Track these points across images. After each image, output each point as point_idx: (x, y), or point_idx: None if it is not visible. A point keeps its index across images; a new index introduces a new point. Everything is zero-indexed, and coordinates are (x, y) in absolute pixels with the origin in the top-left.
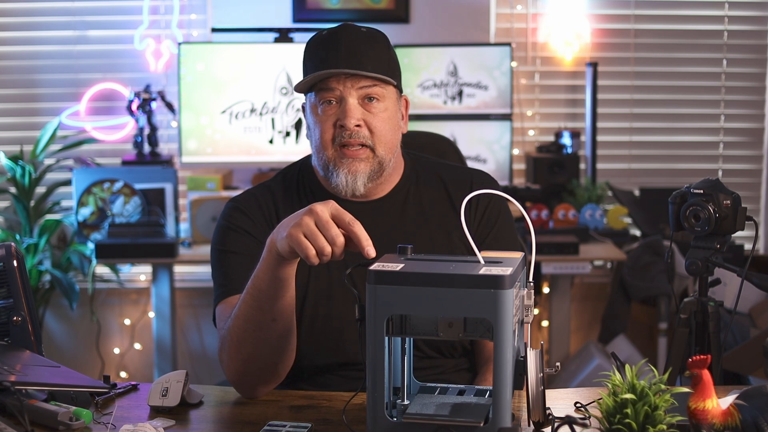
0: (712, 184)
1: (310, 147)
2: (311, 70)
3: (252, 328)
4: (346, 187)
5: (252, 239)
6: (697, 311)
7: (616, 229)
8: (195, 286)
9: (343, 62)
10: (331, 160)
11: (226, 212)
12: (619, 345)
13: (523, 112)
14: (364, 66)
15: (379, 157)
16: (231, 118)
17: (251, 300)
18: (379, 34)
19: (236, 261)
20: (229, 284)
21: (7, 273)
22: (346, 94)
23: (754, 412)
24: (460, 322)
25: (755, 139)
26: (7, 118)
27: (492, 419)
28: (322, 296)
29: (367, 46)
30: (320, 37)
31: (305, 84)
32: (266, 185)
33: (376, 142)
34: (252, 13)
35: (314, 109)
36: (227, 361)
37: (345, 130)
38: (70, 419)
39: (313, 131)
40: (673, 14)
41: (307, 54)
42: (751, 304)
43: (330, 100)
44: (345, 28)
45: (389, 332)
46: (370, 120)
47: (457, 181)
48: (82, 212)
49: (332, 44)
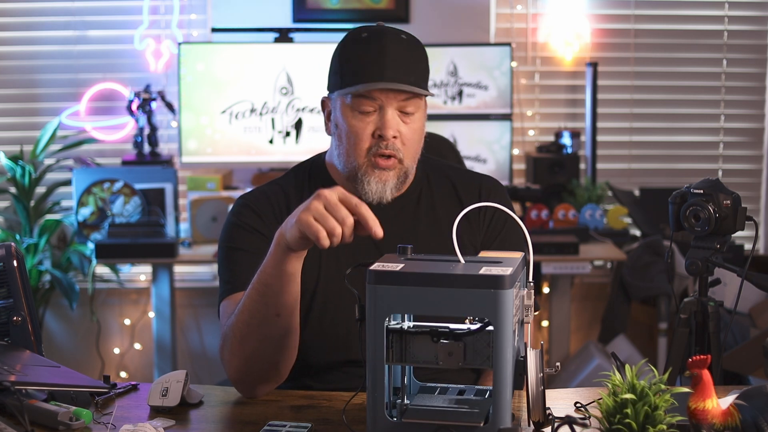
0: (712, 184)
1: (332, 143)
2: (353, 74)
3: (256, 323)
4: (374, 194)
5: (261, 237)
6: (697, 311)
7: (616, 229)
8: (195, 286)
9: (390, 74)
10: (361, 167)
11: (235, 209)
12: (619, 345)
13: (523, 112)
14: (408, 79)
15: (405, 167)
16: (231, 118)
17: (256, 294)
18: (416, 41)
19: (243, 258)
20: (235, 281)
21: (7, 273)
22: (387, 104)
23: (754, 412)
24: (460, 350)
25: (755, 139)
26: (7, 118)
27: (492, 419)
28: (332, 292)
29: (409, 55)
30: (361, 39)
31: (349, 91)
32: (277, 183)
33: (405, 154)
34: (252, 13)
35: (348, 111)
36: (229, 358)
37: (382, 141)
38: (70, 419)
39: (345, 135)
40: (673, 14)
41: (347, 55)
42: (751, 304)
43: (368, 108)
44: (387, 35)
45: (389, 359)
46: (404, 131)
47: (466, 184)
48: (82, 212)
49: (377, 52)
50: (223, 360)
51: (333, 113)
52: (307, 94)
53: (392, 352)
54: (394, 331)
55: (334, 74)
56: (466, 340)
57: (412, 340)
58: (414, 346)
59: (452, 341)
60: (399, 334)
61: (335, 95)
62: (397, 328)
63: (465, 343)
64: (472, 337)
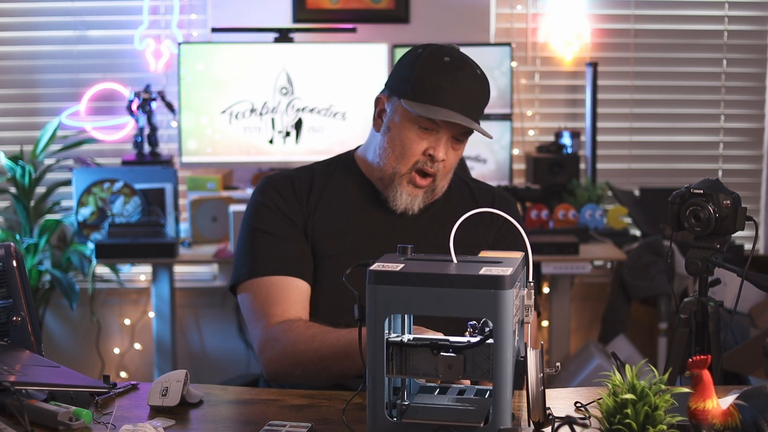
0: (712, 184)
1: (374, 140)
2: (426, 93)
3: (321, 368)
4: (401, 204)
5: (284, 219)
6: (697, 311)
7: (616, 229)
8: (195, 286)
9: (460, 107)
10: (399, 176)
11: (260, 188)
12: (619, 345)
13: (523, 112)
14: (473, 116)
15: (437, 186)
16: (231, 118)
17: (337, 358)
18: (487, 79)
19: (267, 241)
20: (258, 266)
21: (6, 273)
22: (445, 131)
23: (754, 412)
24: (459, 363)
25: (755, 139)
26: (7, 118)
27: (492, 419)
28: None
29: (480, 94)
30: (442, 62)
31: (420, 112)
32: (308, 167)
33: (442, 175)
34: (252, 13)
35: (408, 123)
36: (277, 367)
37: (430, 161)
38: (70, 419)
39: (398, 142)
40: (673, 14)
41: (424, 71)
42: (751, 304)
43: (429, 129)
44: (467, 68)
45: (389, 371)
46: (450, 157)
47: (482, 193)
48: (82, 212)
49: (454, 82)
50: (265, 359)
51: (389, 114)
52: (307, 94)
53: (392, 364)
54: (394, 344)
55: (404, 81)
56: (466, 353)
57: (412, 353)
58: (414, 358)
59: (452, 354)
60: (399, 347)
61: (400, 101)
62: (397, 341)
63: (465, 356)
64: (472, 350)
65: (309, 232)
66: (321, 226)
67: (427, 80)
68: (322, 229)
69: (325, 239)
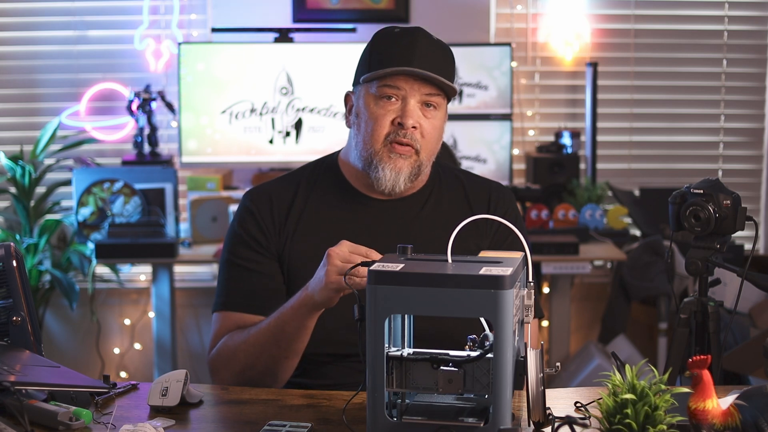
0: (712, 184)
1: (350, 137)
2: (380, 64)
3: (264, 358)
4: (387, 182)
5: (258, 250)
6: (697, 311)
7: (616, 229)
8: (195, 286)
9: (418, 63)
10: (377, 153)
11: (239, 213)
12: (619, 345)
13: (523, 112)
14: (435, 71)
15: (420, 160)
16: (231, 118)
17: (271, 336)
18: (447, 45)
19: (240, 275)
20: (228, 300)
21: (6, 273)
22: (410, 95)
23: (754, 412)
24: (459, 377)
25: (755, 139)
26: (7, 118)
27: (492, 419)
28: None
29: (439, 53)
30: (393, 33)
31: (375, 75)
32: (290, 177)
33: (422, 146)
34: (252, 13)
35: (371, 99)
36: (225, 374)
37: (401, 129)
38: (70, 419)
39: (365, 123)
40: (673, 14)
41: (377, 47)
42: (751, 304)
43: (391, 96)
44: (420, 31)
45: (389, 385)
46: (423, 124)
47: (476, 189)
48: (82, 212)
49: (407, 43)
50: (214, 370)
51: (355, 105)
52: (307, 94)
53: (392, 378)
54: (394, 358)
55: (360, 66)
56: (465, 367)
57: (412, 367)
58: (414, 372)
59: (452, 368)
60: (399, 361)
61: (360, 86)
62: (396, 355)
63: (465, 371)
64: (471, 364)
65: (285, 257)
66: (298, 253)
67: (379, 51)
68: (298, 256)
69: (304, 267)
